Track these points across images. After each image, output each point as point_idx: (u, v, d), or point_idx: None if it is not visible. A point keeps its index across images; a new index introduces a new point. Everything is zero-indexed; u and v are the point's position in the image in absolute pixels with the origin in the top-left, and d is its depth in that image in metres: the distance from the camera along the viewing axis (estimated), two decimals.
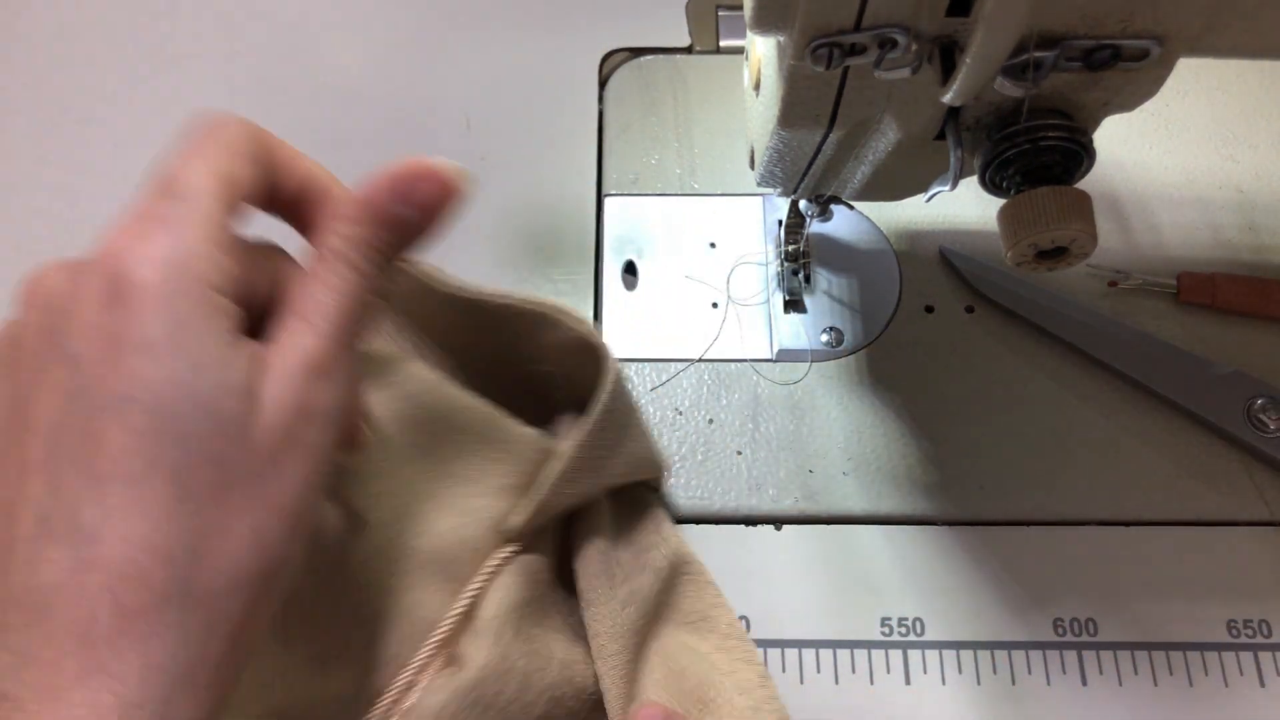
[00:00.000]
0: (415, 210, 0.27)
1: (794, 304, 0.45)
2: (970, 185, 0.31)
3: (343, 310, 0.26)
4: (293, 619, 0.30)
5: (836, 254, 0.46)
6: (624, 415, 0.36)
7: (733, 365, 0.43)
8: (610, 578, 0.35)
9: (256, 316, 0.26)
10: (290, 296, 0.26)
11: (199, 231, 0.25)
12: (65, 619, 0.22)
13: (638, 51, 0.52)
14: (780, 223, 0.44)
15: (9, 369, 0.26)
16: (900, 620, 0.38)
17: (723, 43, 0.52)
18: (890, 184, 0.35)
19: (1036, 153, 0.28)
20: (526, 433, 0.35)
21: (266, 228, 0.28)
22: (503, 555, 0.33)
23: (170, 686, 0.23)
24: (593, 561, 0.35)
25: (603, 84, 0.51)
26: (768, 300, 0.45)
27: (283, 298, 0.27)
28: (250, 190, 0.27)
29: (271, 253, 0.28)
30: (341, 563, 0.32)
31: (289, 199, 0.28)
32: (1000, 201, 0.29)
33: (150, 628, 0.23)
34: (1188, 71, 0.35)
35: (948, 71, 0.26)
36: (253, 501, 0.24)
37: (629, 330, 0.44)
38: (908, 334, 0.44)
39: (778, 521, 0.40)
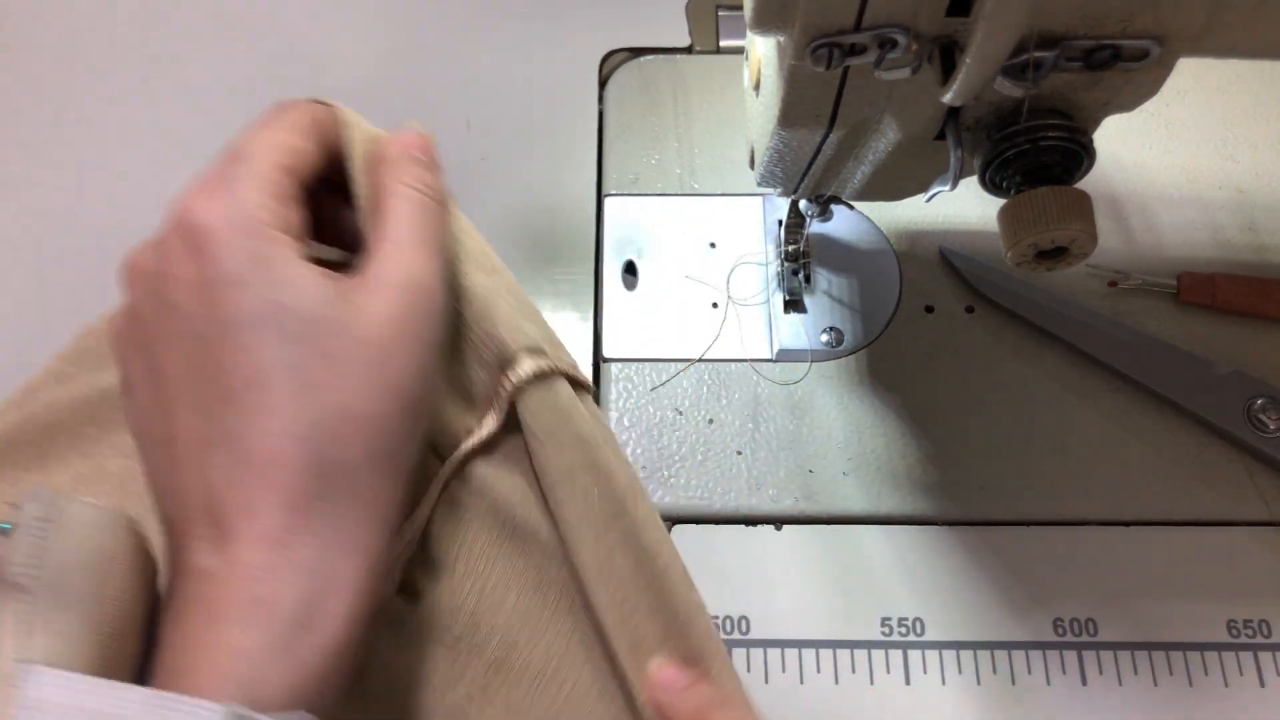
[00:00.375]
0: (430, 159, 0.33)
1: (794, 304, 0.45)
2: (970, 185, 0.31)
3: (423, 225, 0.31)
4: None
5: (836, 254, 0.46)
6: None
7: (733, 365, 0.43)
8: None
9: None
10: (370, 227, 0.31)
11: (256, 184, 0.29)
12: (235, 504, 0.27)
13: (638, 51, 0.52)
14: (780, 223, 0.44)
15: (136, 341, 0.30)
16: (900, 620, 0.38)
17: (723, 43, 0.52)
18: (890, 184, 0.35)
19: (1036, 153, 0.28)
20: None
21: None
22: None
23: (325, 544, 0.27)
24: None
25: (603, 84, 0.51)
26: (768, 300, 0.45)
27: (366, 233, 0.31)
28: (315, 161, 0.31)
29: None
30: None
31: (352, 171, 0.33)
32: (1000, 201, 0.29)
33: (299, 499, 0.27)
34: (1188, 71, 0.35)
35: (948, 71, 0.26)
36: (369, 386, 0.28)
37: (629, 330, 0.44)
38: (908, 334, 0.44)
39: (778, 521, 0.40)
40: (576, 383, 0.34)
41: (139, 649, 0.31)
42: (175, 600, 0.28)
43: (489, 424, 0.34)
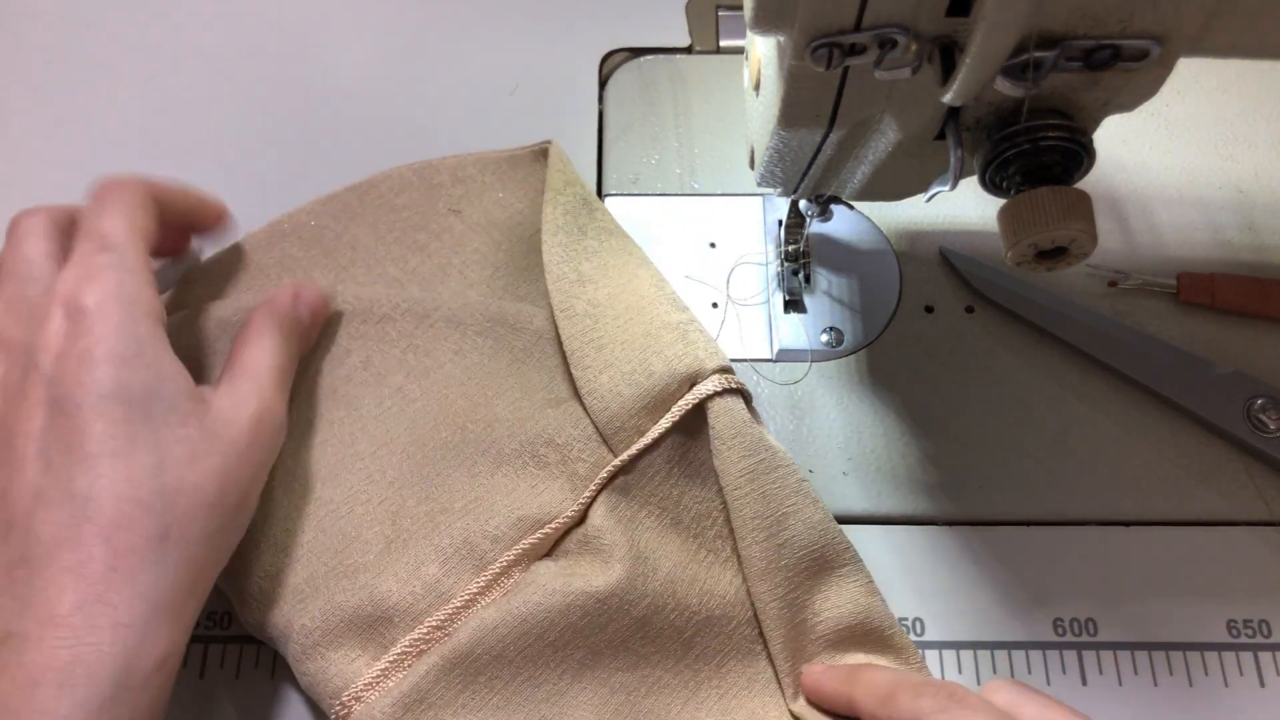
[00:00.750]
0: (307, 313, 0.38)
1: (794, 304, 0.45)
2: (970, 185, 0.31)
3: (277, 362, 0.35)
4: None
5: (836, 254, 0.46)
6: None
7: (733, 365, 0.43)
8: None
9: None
10: (237, 357, 0.35)
11: (136, 274, 0.32)
12: (65, 563, 0.27)
13: (638, 51, 0.52)
14: (780, 223, 0.44)
15: None
16: (901, 620, 0.38)
17: (723, 43, 0.52)
18: (890, 184, 0.35)
19: (1036, 153, 0.28)
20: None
21: None
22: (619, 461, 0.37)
23: (152, 610, 0.28)
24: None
25: (603, 84, 0.51)
26: (768, 300, 0.45)
27: (229, 358, 0.35)
28: (152, 242, 0.34)
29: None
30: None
31: (172, 232, 0.37)
32: (1000, 201, 0.29)
33: (138, 563, 0.28)
34: (1188, 71, 0.35)
35: (948, 71, 0.26)
36: (214, 472, 0.31)
37: None
38: (908, 334, 0.44)
39: None
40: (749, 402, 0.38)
41: None
42: None
43: (663, 425, 0.37)
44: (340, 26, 0.53)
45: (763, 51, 0.32)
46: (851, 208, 0.46)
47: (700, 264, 0.46)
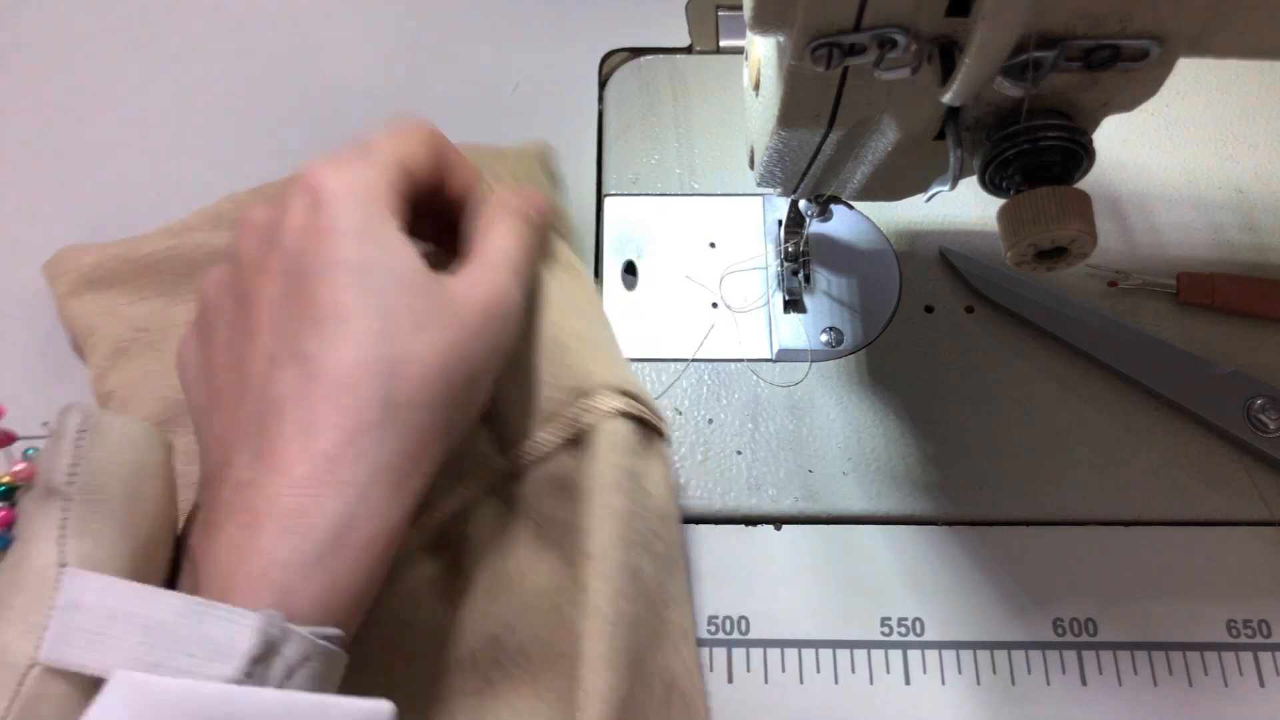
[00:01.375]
0: (536, 214, 0.37)
1: (794, 304, 0.45)
2: (970, 185, 0.31)
3: (519, 254, 0.35)
4: None
5: (836, 254, 0.46)
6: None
7: (732, 365, 0.43)
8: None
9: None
10: (475, 243, 0.34)
11: (379, 172, 0.32)
12: (293, 419, 0.28)
13: (638, 51, 0.52)
14: (780, 223, 0.44)
15: (232, 283, 0.32)
16: (900, 620, 0.38)
17: (723, 43, 0.52)
18: (890, 184, 0.35)
19: (1036, 153, 0.28)
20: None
21: None
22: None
23: (375, 471, 0.28)
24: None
25: (603, 84, 0.51)
26: (768, 301, 0.45)
27: (465, 247, 0.35)
28: (423, 178, 0.34)
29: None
30: None
31: (450, 201, 0.36)
32: (1000, 201, 0.29)
33: (361, 424, 0.28)
34: (1188, 71, 0.35)
35: (947, 71, 0.26)
36: (444, 344, 0.30)
37: (629, 330, 0.44)
38: (908, 334, 0.44)
39: (778, 521, 0.40)
40: (654, 431, 0.37)
41: (168, 559, 0.33)
42: (210, 513, 0.29)
43: (554, 438, 0.36)
44: (341, 26, 0.53)
45: (763, 51, 0.32)
46: (851, 208, 0.46)
47: (700, 264, 0.46)
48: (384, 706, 0.26)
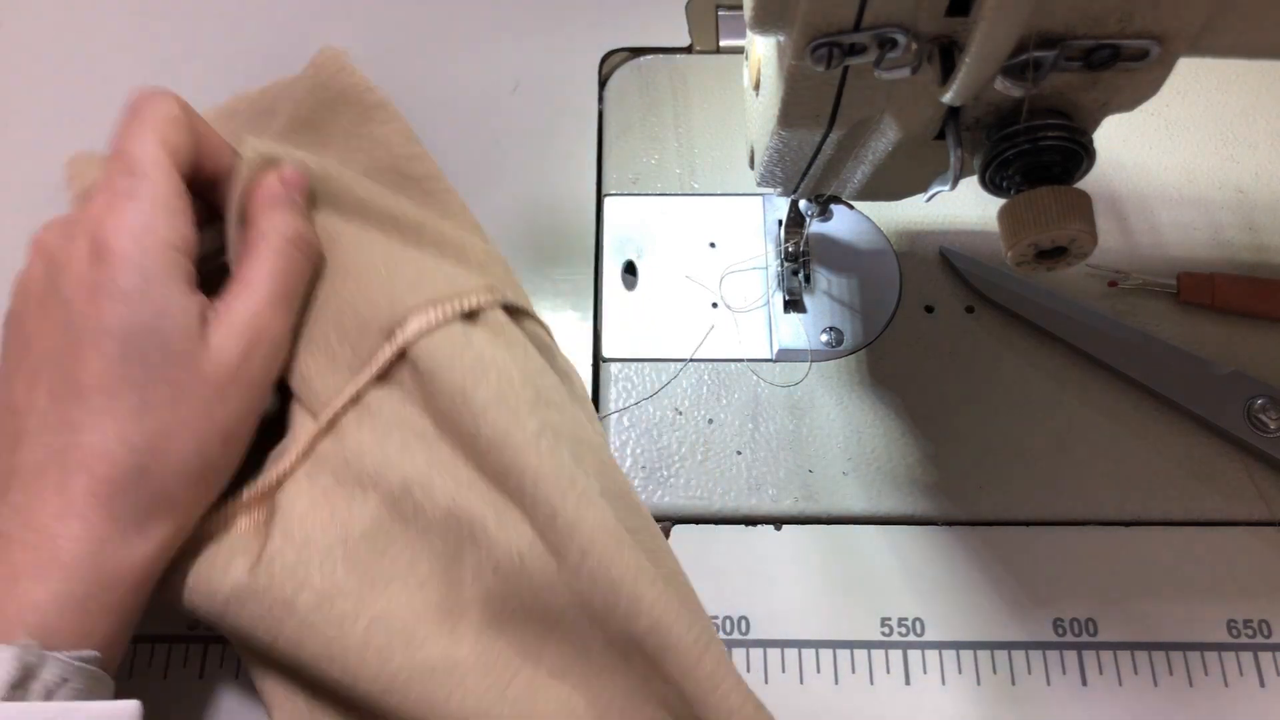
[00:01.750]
0: (300, 195, 0.37)
1: (794, 304, 0.45)
2: (970, 185, 0.31)
3: (283, 277, 0.35)
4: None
5: (836, 254, 0.46)
6: None
7: (732, 365, 0.43)
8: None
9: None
10: (237, 268, 0.35)
11: (158, 203, 0.33)
12: (50, 481, 0.31)
13: (638, 51, 0.52)
14: (780, 223, 0.44)
15: (21, 317, 0.34)
16: (900, 620, 0.38)
17: (723, 43, 0.52)
18: (890, 184, 0.35)
19: (1036, 153, 0.28)
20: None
21: None
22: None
23: (126, 524, 0.31)
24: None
25: (603, 84, 0.51)
26: (768, 301, 0.45)
27: (232, 267, 0.36)
28: (185, 158, 0.34)
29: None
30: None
31: (208, 178, 0.36)
32: (1000, 201, 0.29)
33: (115, 491, 0.31)
34: (1188, 71, 0.35)
35: (947, 71, 0.26)
36: (198, 419, 0.33)
37: (629, 330, 0.44)
38: (908, 334, 0.44)
39: (778, 521, 0.40)
40: (514, 310, 0.39)
41: None
42: None
43: (359, 382, 0.37)
44: (340, 26, 0.53)
45: (763, 51, 0.32)
46: (851, 208, 0.46)
47: (700, 264, 0.46)
48: (129, 705, 0.29)
